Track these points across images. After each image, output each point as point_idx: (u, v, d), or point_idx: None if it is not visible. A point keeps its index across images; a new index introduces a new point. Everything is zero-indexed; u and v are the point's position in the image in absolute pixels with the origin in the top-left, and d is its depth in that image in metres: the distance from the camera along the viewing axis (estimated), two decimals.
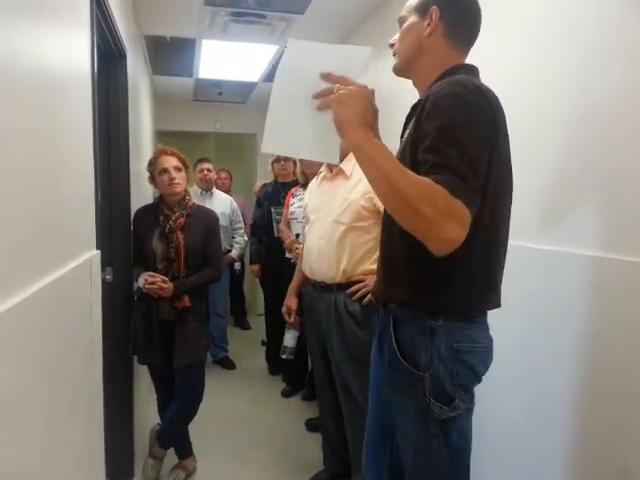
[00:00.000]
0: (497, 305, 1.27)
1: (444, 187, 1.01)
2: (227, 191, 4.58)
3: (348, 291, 2.09)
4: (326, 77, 1.14)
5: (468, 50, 1.32)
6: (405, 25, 1.32)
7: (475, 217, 1.07)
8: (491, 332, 1.29)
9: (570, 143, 1.58)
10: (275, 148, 1.26)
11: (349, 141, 1.11)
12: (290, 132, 1.18)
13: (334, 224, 2.11)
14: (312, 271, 2.20)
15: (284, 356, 2.50)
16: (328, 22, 3.30)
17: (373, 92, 1.18)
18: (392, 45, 1.37)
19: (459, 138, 1.07)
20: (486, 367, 1.28)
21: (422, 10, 1.28)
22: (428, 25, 1.26)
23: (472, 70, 1.28)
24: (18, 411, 0.87)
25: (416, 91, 1.36)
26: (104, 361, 1.71)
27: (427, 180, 1.02)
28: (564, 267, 1.56)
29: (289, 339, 2.46)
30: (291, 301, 2.47)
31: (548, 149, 1.65)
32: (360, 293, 2.07)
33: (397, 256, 1.28)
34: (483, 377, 1.28)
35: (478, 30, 1.30)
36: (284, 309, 2.47)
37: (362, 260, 2.09)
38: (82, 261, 1.41)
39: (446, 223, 1.01)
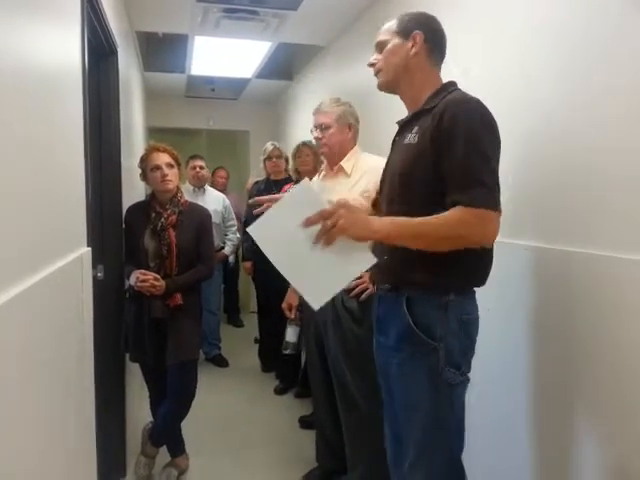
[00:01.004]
0: (485, 282, 1.43)
1: (475, 203, 1.22)
2: (223, 190, 4.56)
3: (345, 287, 2.10)
4: (307, 223, 1.24)
5: (440, 67, 1.49)
6: (388, 47, 1.46)
7: None
8: None
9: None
10: (325, 297, 1.35)
11: (378, 240, 1.32)
12: (320, 277, 1.30)
13: None
14: None
15: (287, 351, 2.47)
16: (321, 18, 3.29)
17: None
18: (372, 65, 1.51)
19: (485, 152, 1.26)
20: (477, 335, 1.44)
21: (404, 34, 1.43)
22: (412, 47, 1.42)
23: (456, 85, 1.44)
24: (8, 409, 0.87)
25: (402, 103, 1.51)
26: (96, 359, 1.70)
27: (452, 212, 1.24)
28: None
29: (291, 334, 2.45)
30: (292, 298, 2.46)
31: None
32: (358, 289, 2.07)
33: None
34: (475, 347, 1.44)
35: (446, 50, 1.49)
36: (284, 305, 2.47)
37: None
38: (73, 258, 1.40)
39: (482, 231, 1.25)
